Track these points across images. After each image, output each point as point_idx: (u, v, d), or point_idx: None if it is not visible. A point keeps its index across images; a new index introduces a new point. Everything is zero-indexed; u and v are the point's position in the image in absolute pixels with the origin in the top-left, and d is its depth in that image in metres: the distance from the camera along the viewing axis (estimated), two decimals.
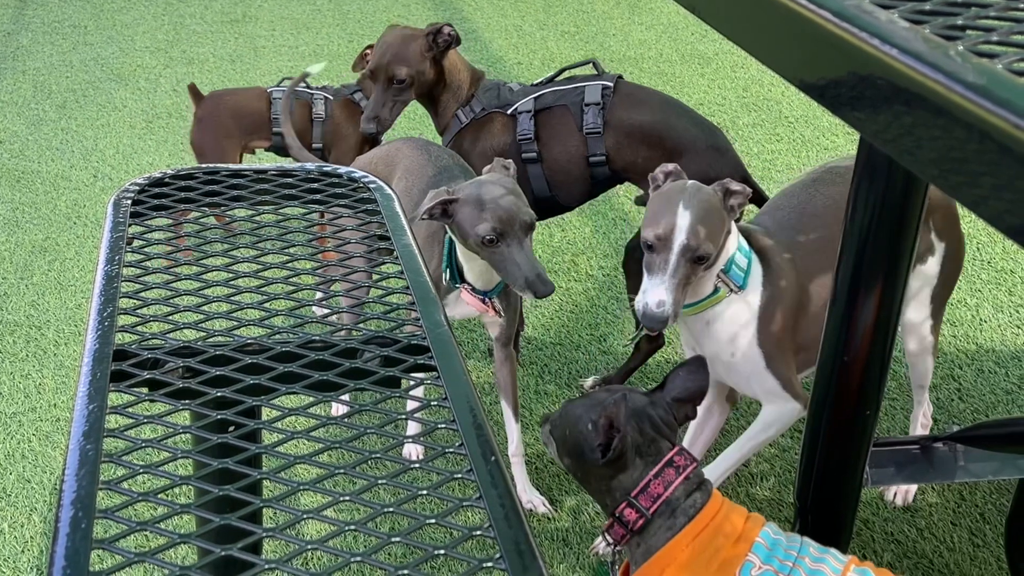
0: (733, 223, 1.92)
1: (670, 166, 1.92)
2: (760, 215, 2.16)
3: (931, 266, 2.15)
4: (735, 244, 1.91)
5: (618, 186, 2.80)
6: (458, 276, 2.16)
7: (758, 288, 1.94)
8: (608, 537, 1.50)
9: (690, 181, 1.87)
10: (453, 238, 2.10)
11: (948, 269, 2.18)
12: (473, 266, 2.12)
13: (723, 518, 1.43)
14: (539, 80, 2.66)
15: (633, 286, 2.62)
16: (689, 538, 1.41)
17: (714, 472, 2.10)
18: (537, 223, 2.08)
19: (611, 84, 2.54)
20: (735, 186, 1.85)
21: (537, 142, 2.53)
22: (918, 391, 2.40)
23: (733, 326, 1.94)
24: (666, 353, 2.85)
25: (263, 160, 3.53)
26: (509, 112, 2.55)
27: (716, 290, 1.91)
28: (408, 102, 2.62)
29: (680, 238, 1.78)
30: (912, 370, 2.35)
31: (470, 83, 2.61)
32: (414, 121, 4.24)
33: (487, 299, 2.17)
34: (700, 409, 1.69)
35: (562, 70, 2.65)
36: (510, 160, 2.14)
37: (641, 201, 2.67)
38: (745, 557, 1.39)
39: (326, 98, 3.21)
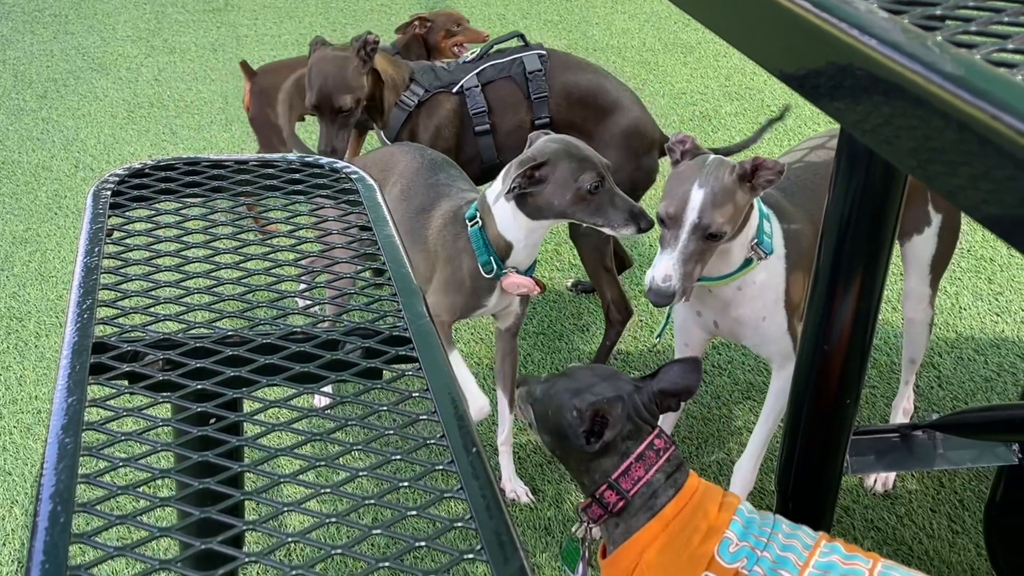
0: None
1: (684, 136, 1.88)
2: None
3: (928, 236, 2.23)
4: (757, 211, 1.92)
5: None
6: (500, 262, 2.12)
7: (781, 250, 1.98)
8: (585, 516, 1.51)
9: (712, 156, 1.85)
10: (507, 211, 2.06)
11: (945, 239, 2.25)
12: (530, 240, 2.10)
13: (700, 498, 1.46)
14: (468, 58, 2.78)
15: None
16: (668, 518, 1.43)
17: (751, 458, 2.15)
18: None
19: (544, 53, 2.74)
20: (768, 162, 1.79)
21: (489, 114, 2.69)
22: (908, 367, 2.43)
23: (765, 289, 1.98)
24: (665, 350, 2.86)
25: (310, 129, 3.50)
26: (455, 90, 2.67)
27: (749, 261, 1.93)
28: (356, 120, 2.68)
29: (692, 216, 1.78)
30: (906, 341, 2.40)
31: (401, 73, 2.70)
32: None
33: (531, 276, 2.16)
34: None
35: (492, 43, 2.80)
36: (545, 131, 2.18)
37: None
38: (723, 535, 1.41)
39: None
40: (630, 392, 1.51)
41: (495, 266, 2.10)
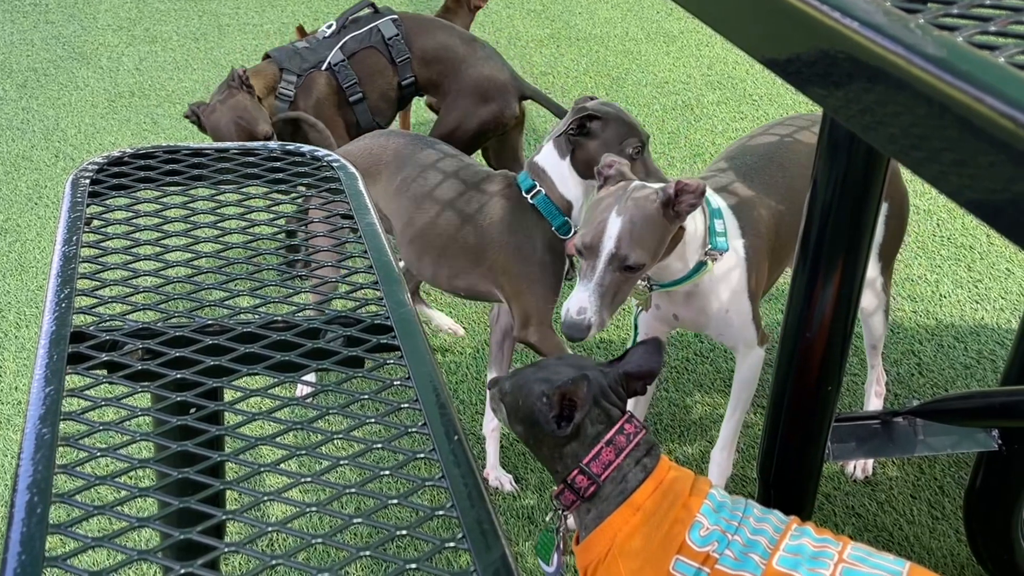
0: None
1: (612, 160, 1.86)
2: (721, 161, 2.18)
3: (877, 224, 2.22)
4: (705, 214, 1.90)
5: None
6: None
7: (739, 241, 1.96)
8: (557, 503, 1.52)
9: (635, 182, 1.79)
10: (562, 170, 2.11)
11: (893, 226, 2.24)
12: (587, 200, 2.15)
13: (671, 482, 1.47)
14: (325, 33, 2.98)
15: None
16: (639, 502, 1.44)
17: (723, 448, 2.15)
18: None
19: (397, 17, 3.00)
20: (689, 186, 1.72)
21: (359, 83, 2.94)
22: (871, 352, 2.45)
23: (725, 282, 1.96)
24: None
25: None
26: (324, 68, 2.90)
27: (702, 264, 1.90)
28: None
29: (609, 246, 1.72)
30: (865, 328, 2.40)
31: (267, 74, 2.89)
32: None
33: None
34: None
35: (347, 16, 3.01)
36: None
37: (432, 106, 3.18)
38: (694, 519, 1.42)
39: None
40: (595, 374, 1.52)
41: (572, 226, 2.13)
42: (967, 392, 2.54)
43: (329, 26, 2.99)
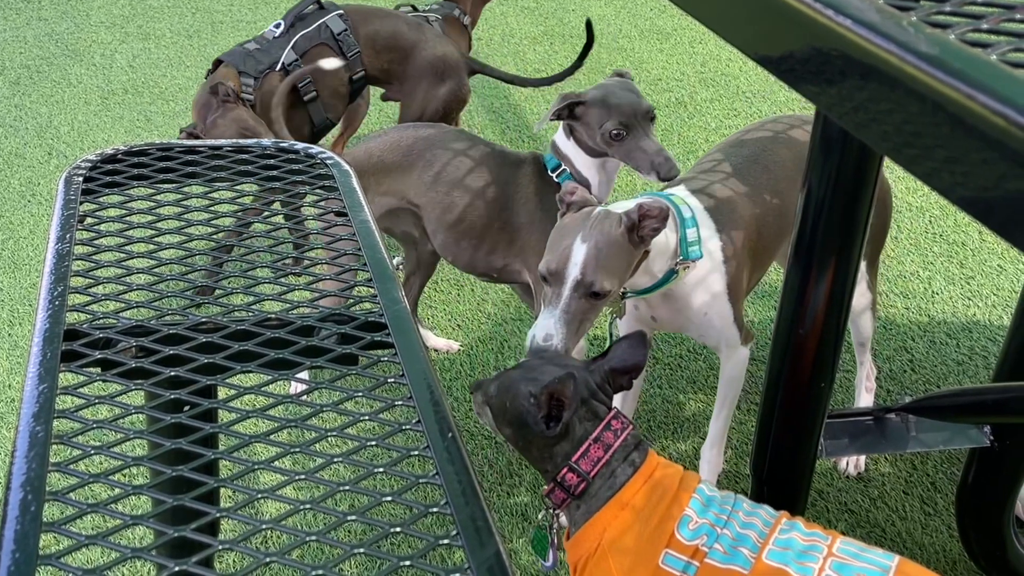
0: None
1: (573, 187, 1.83)
2: (706, 162, 2.18)
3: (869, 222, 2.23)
4: (675, 228, 1.87)
5: None
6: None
7: (716, 244, 1.94)
8: (548, 502, 1.52)
9: (599, 208, 1.77)
10: (573, 150, 2.20)
11: (876, 225, 2.24)
12: (601, 178, 2.23)
13: (660, 476, 1.47)
14: (275, 33, 2.98)
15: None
16: (628, 497, 1.44)
17: (713, 445, 2.15)
18: None
19: (343, 11, 3.00)
20: (652, 210, 1.71)
21: (313, 82, 2.94)
22: (859, 350, 2.46)
23: (703, 286, 1.95)
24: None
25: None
26: (278, 68, 2.90)
27: (673, 272, 1.88)
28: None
29: (574, 272, 1.70)
30: (852, 328, 2.41)
31: (233, 75, 2.90)
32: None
33: None
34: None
35: (293, 14, 3.00)
36: (627, 69, 2.31)
37: (388, 98, 3.21)
38: (683, 512, 1.42)
39: (438, 18, 3.53)
40: (581, 372, 1.52)
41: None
42: (959, 388, 2.54)
43: (277, 25, 2.99)
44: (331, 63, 2.91)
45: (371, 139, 2.39)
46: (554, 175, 2.21)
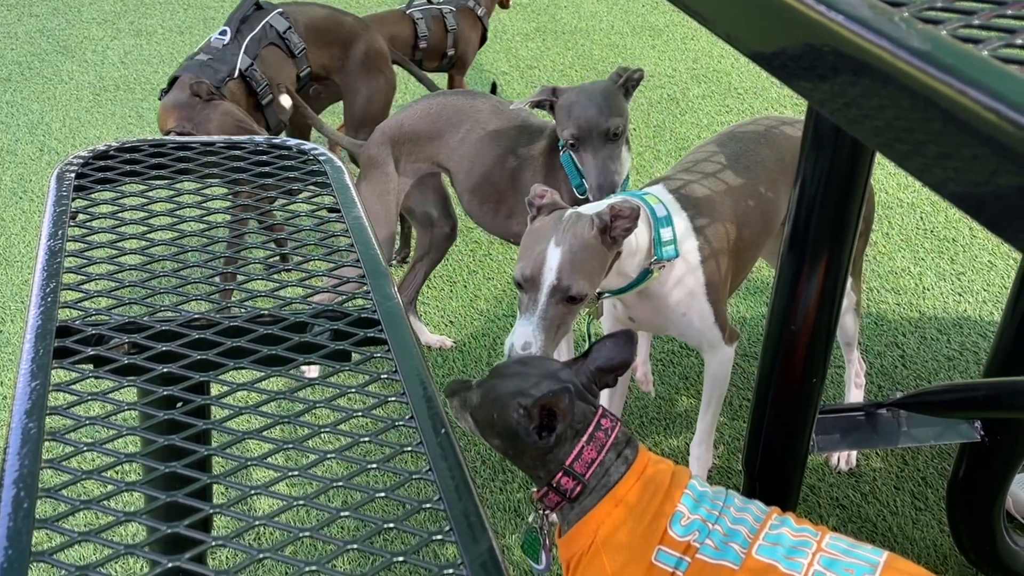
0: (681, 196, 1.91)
1: (543, 191, 1.80)
2: (687, 159, 2.16)
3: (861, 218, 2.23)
4: (648, 228, 1.85)
5: None
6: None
7: (693, 243, 1.91)
8: (541, 505, 1.51)
9: (568, 211, 1.74)
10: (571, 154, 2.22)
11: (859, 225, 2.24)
12: None
13: (652, 472, 1.47)
14: (224, 40, 2.92)
15: None
16: (621, 495, 1.44)
17: (701, 443, 2.15)
18: None
19: (283, 10, 3.01)
20: (623, 211, 1.70)
21: (269, 85, 2.94)
22: (846, 349, 2.47)
23: (680, 286, 1.92)
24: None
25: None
26: (236, 76, 2.88)
27: (648, 272, 1.86)
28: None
29: (550, 277, 1.68)
30: (838, 328, 2.40)
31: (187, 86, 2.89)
32: None
33: None
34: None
35: (235, 19, 2.97)
36: (631, 68, 2.28)
37: (318, 95, 3.25)
38: (675, 509, 1.42)
39: (452, 10, 3.62)
40: (571, 378, 1.50)
41: (586, 188, 2.20)
42: (950, 384, 2.55)
43: (223, 32, 2.94)
44: (286, 100, 2.93)
45: (403, 111, 2.50)
46: (561, 152, 2.23)
